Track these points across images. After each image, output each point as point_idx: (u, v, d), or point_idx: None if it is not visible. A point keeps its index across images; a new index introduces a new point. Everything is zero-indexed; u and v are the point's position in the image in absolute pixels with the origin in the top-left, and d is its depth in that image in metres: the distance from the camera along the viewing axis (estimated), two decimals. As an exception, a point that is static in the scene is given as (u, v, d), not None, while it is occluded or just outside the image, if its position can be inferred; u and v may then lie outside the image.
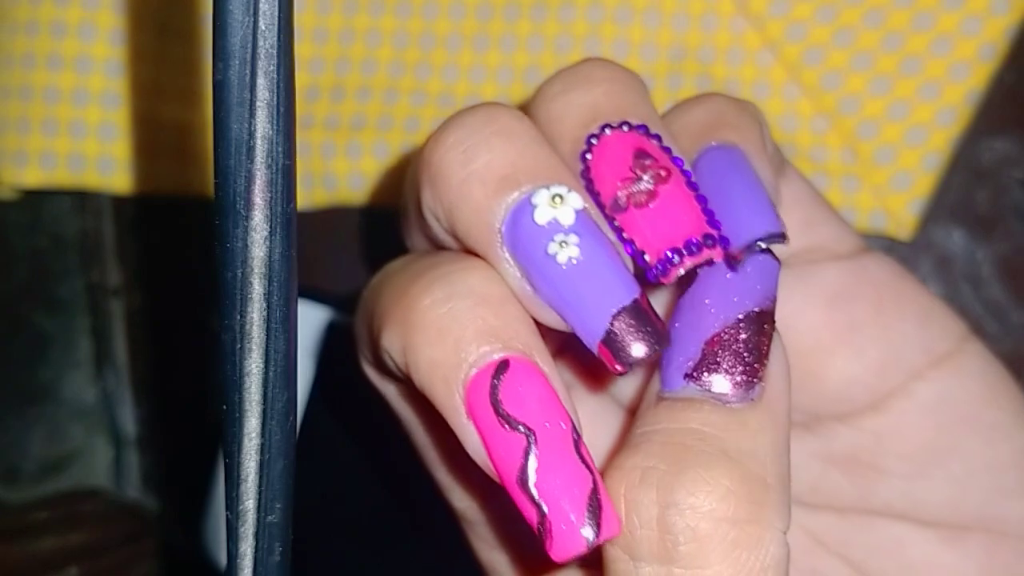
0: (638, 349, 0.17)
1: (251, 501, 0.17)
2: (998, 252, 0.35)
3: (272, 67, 0.15)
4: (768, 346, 0.18)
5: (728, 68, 0.34)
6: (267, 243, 0.16)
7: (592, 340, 0.18)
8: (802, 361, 0.21)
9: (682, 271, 0.18)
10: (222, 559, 0.36)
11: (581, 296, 0.18)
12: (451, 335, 0.18)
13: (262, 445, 0.17)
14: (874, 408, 0.21)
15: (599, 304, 0.17)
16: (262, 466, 0.17)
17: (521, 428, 0.17)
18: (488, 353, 0.18)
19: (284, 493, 0.17)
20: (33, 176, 0.37)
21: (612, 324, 0.17)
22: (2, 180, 0.37)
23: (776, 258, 0.19)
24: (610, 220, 0.18)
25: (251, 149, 0.16)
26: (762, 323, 0.18)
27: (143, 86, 0.37)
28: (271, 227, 0.16)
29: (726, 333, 0.18)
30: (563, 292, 0.18)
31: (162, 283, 0.44)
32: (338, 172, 0.37)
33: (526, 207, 0.18)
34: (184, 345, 0.44)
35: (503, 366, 0.17)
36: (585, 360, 0.22)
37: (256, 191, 0.16)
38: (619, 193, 0.18)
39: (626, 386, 0.23)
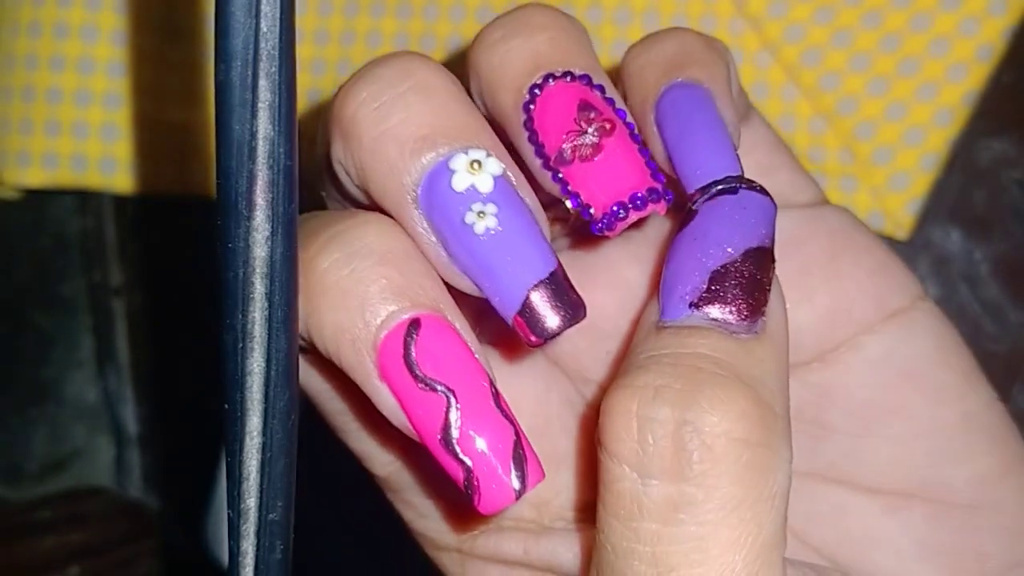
0: (554, 322, 0.17)
1: (253, 499, 0.17)
2: (996, 252, 0.35)
3: (274, 68, 0.15)
4: (770, 281, 0.18)
5: (727, 69, 0.34)
6: (269, 243, 0.16)
7: (508, 312, 0.17)
8: None
9: (626, 225, 0.18)
10: (224, 557, 0.36)
11: (498, 267, 0.17)
12: (355, 297, 0.17)
13: (264, 444, 0.17)
14: (821, 360, 0.21)
15: (516, 276, 0.17)
16: (264, 465, 0.17)
17: (439, 387, 0.17)
18: (397, 313, 0.17)
19: (285, 491, 0.17)
20: (36, 176, 0.37)
21: (529, 296, 0.17)
22: (5, 180, 0.37)
23: (772, 200, 0.18)
24: (554, 172, 0.18)
25: (253, 150, 0.16)
26: (764, 259, 0.18)
27: (145, 87, 0.37)
28: (272, 227, 0.16)
29: (732, 266, 0.17)
30: (480, 262, 0.17)
31: (164, 283, 0.44)
32: (339, 172, 0.37)
33: (443, 171, 0.17)
34: (185, 344, 0.44)
35: (414, 325, 0.17)
36: (501, 327, 0.21)
37: (258, 191, 0.16)
38: (564, 146, 0.18)
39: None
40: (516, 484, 0.17)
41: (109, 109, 0.37)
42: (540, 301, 0.17)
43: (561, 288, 0.17)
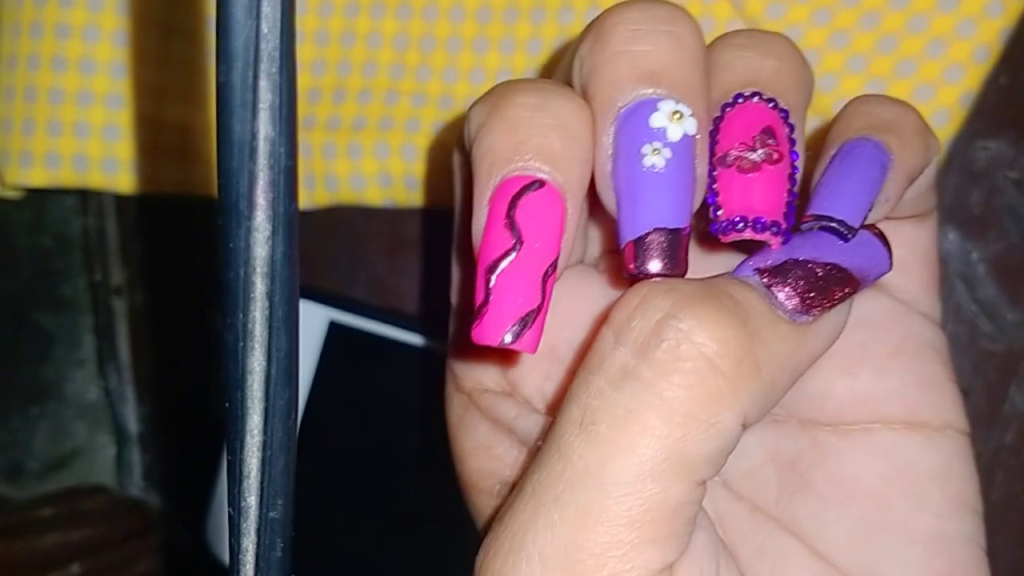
0: (654, 265, 0.19)
1: (253, 497, 0.17)
2: (993, 252, 0.35)
3: (274, 69, 0.16)
4: (838, 300, 0.19)
5: (725, 70, 0.34)
6: (269, 243, 0.16)
7: (625, 236, 0.19)
8: None
9: (738, 238, 0.19)
10: (224, 555, 0.36)
11: (641, 199, 0.19)
12: (518, 136, 0.19)
13: (264, 442, 0.17)
14: (835, 428, 0.22)
15: (649, 213, 0.19)
16: (264, 463, 0.17)
17: (516, 234, 0.19)
18: (535, 168, 0.19)
19: (285, 489, 0.17)
20: (37, 176, 0.37)
21: (648, 234, 0.19)
22: (6, 180, 0.37)
23: (889, 258, 0.20)
24: (711, 167, 0.20)
25: (253, 150, 0.16)
26: (845, 281, 0.19)
27: (147, 88, 0.37)
28: (273, 227, 0.16)
29: (814, 265, 0.19)
30: (630, 187, 0.19)
31: (165, 282, 0.44)
32: (339, 173, 0.37)
33: (649, 105, 0.19)
34: (186, 343, 0.44)
35: (538, 184, 0.19)
36: (615, 257, 0.23)
37: (258, 191, 0.16)
38: (732, 151, 0.20)
39: None
40: (508, 337, 0.19)
41: (111, 109, 0.37)
42: (654, 242, 0.19)
43: (677, 243, 0.19)
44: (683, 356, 0.17)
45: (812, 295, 0.19)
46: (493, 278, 0.19)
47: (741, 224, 0.19)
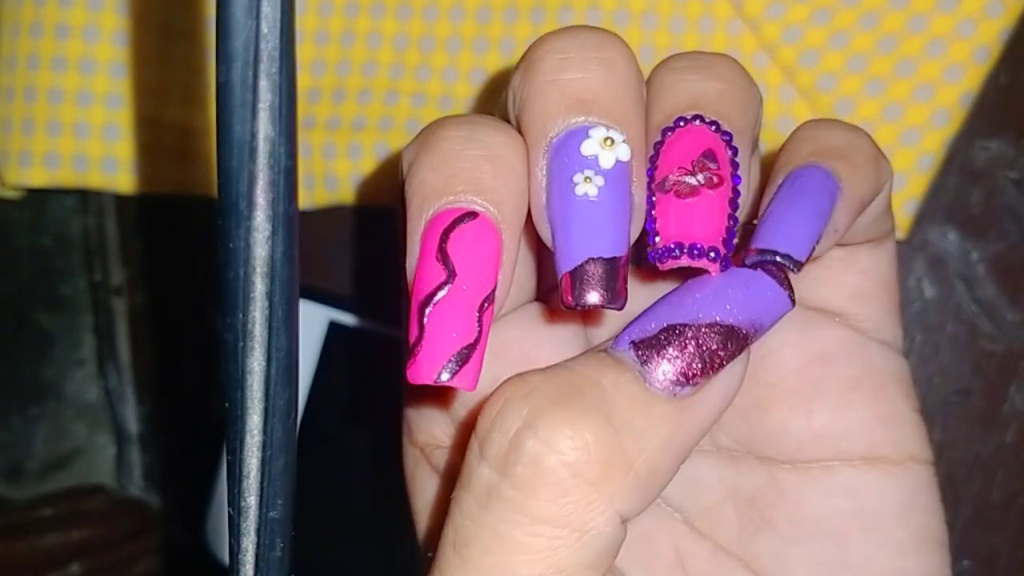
0: (592, 296, 0.18)
1: (253, 497, 0.17)
2: (992, 252, 0.35)
3: (274, 69, 0.16)
4: (722, 363, 0.18)
5: (725, 70, 0.34)
6: (269, 243, 0.16)
7: (562, 268, 0.19)
8: (759, 390, 0.22)
9: (675, 265, 0.19)
10: (224, 555, 0.36)
11: (574, 228, 0.19)
12: (449, 169, 0.19)
13: (264, 442, 0.17)
14: (793, 466, 0.22)
15: (584, 242, 0.18)
16: (264, 463, 0.17)
17: (448, 267, 0.19)
18: (467, 200, 0.19)
19: (285, 489, 0.17)
20: (37, 176, 0.37)
21: (585, 264, 0.18)
22: (6, 180, 0.37)
23: (792, 300, 0.19)
24: (650, 193, 0.19)
25: (253, 150, 0.16)
26: (731, 340, 0.18)
27: (146, 88, 0.37)
28: (273, 227, 0.16)
29: (691, 329, 0.18)
30: (564, 217, 0.19)
31: (164, 282, 0.44)
32: (339, 173, 0.37)
33: (580, 133, 0.19)
34: (186, 343, 0.44)
35: (471, 216, 0.19)
36: (552, 288, 0.23)
37: (258, 191, 0.16)
38: (670, 176, 0.19)
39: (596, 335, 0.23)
40: (444, 375, 0.18)
41: (110, 109, 0.37)
42: (591, 272, 0.18)
43: (614, 273, 0.18)
44: (544, 469, 0.17)
45: (692, 364, 0.18)
46: (425, 313, 0.18)
47: (677, 251, 0.18)
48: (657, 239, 0.19)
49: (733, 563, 0.22)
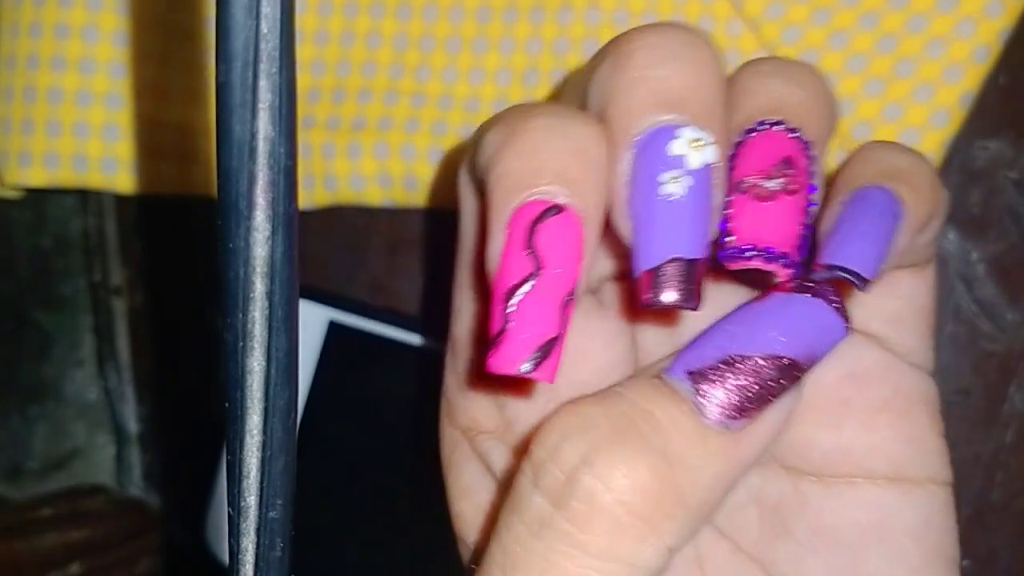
0: (669, 296, 0.18)
1: (253, 497, 0.17)
2: (992, 252, 0.35)
3: (274, 69, 0.16)
4: (778, 397, 0.18)
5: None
6: (269, 243, 0.16)
7: (641, 265, 0.19)
8: None
9: (746, 266, 0.19)
10: (224, 555, 0.36)
11: (658, 228, 0.19)
12: (537, 160, 0.19)
13: (264, 442, 0.17)
14: (818, 478, 0.22)
15: (665, 243, 0.18)
16: (263, 463, 0.17)
17: (535, 259, 0.19)
18: (554, 194, 0.19)
19: (285, 489, 0.17)
20: (37, 176, 0.37)
21: (664, 264, 0.18)
22: (6, 180, 0.37)
23: (848, 328, 0.19)
24: (726, 192, 0.19)
25: (253, 150, 0.16)
26: (788, 374, 0.18)
27: (146, 87, 0.37)
28: (273, 227, 0.16)
29: (748, 362, 0.18)
30: (647, 215, 0.19)
31: (164, 282, 0.44)
32: (339, 172, 0.37)
33: (668, 132, 0.19)
34: (186, 343, 0.44)
35: (557, 209, 0.19)
36: (629, 286, 0.23)
37: (258, 191, 0.16)
38: (748, 178, 0.19)
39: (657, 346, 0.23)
40: (526, 366, 0.18)
41: (110, 109, 0.37)
42: (670, 273, 0.18)
43: (693, 275, 0.18)
44: (599, 506, 0.17)
45: (748, 398, 0.18)
46: (511, 305, 0.18)
47: (750, 252, 0.19)
48: (729, 239, 0.19)
49: (751, 566, 0.22)
